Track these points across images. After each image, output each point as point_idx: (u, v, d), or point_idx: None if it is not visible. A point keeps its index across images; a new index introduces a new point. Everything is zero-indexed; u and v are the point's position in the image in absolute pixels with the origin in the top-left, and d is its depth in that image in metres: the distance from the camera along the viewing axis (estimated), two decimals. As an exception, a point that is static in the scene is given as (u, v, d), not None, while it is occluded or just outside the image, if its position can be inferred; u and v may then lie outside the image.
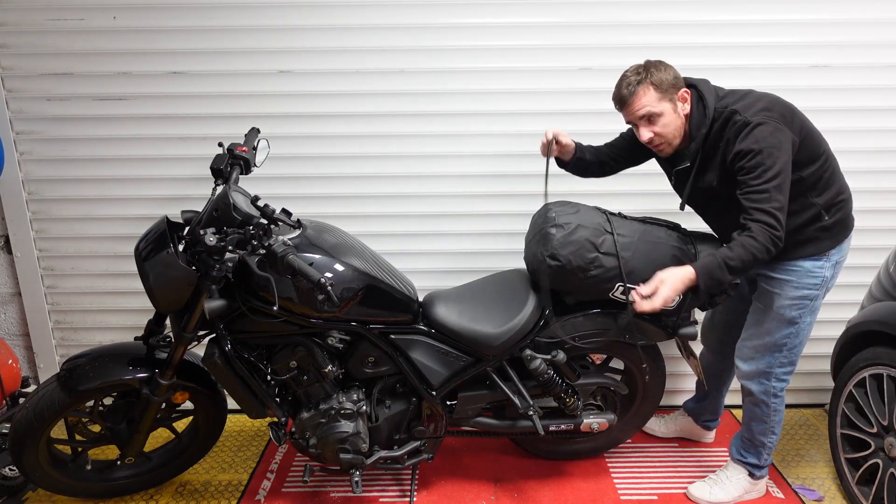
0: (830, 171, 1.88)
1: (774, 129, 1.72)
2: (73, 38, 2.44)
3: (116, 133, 2.55)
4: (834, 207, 1.89)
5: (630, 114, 1.85)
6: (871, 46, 2.47)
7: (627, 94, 1.81)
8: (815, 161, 1.83)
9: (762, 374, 2.03)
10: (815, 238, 1.89)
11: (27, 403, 1.97)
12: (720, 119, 1.81)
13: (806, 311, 1.95)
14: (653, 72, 1.80)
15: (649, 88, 1.79)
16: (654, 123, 1.83)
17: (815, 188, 1.85)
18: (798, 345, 2.00)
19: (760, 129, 1.72)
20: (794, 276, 1.92)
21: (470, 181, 2.62)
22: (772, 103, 1.79)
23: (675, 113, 1.82)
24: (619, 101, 1.85)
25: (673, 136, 1.85)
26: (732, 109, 1.78)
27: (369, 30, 2.45)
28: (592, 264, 1.92)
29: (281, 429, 2.07)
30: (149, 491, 2.29)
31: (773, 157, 1.70)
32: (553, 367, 2.11)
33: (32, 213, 2.64)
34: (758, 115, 1.74)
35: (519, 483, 2.33)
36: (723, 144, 1.80)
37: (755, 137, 1.71)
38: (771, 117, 1.74)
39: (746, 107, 1.78)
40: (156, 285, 1.82)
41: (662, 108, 1.80)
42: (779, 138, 1.72)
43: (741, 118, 1.75)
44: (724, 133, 1.79)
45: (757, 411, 2.09)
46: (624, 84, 1.82)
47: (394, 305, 1.98)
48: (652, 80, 1.79)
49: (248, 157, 2.07)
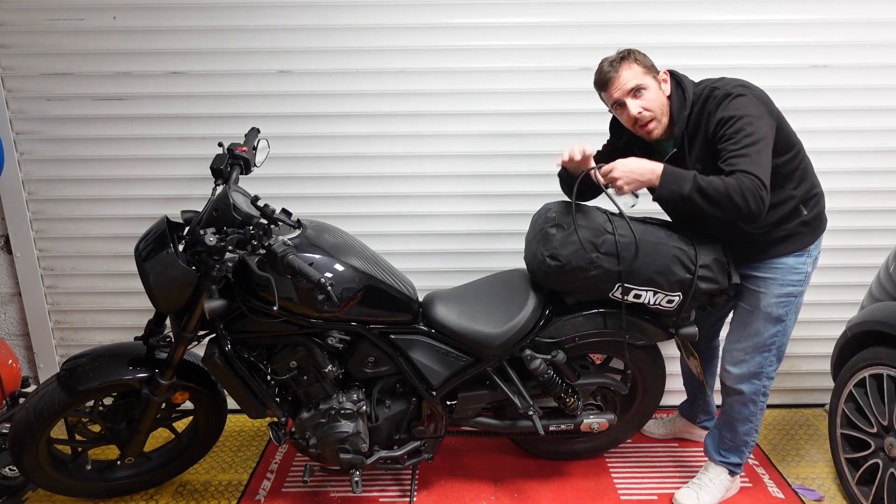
0: (804, 164, 1.90)
1: (754, 101, 1.75)
2: (73, 38, 2.44)
3: (116, 133, 2.55)
4: (811, 202, 1.91)
5: (616, 89, 1.83)
6: (871, 46, 2.47)
7: (611, 69, 1.83)
8: (789, 150, 1.85)
9: (754, 375, 2.04)
10: (796, 233, 1.91)
11: (27, 403, 1.97)
12: (700, 99, 1.83)
13: (791, 307, 1.97)
14: (634, 53, 1.84)
15: (633, 64, 1.82)
16: (641, 97, 1.83)
17: (790, 179, 1.86)
18: (785, 342, 2.02)
19: (740, 99, 1.74)
20: (779, 273, 1.94)
21: (470, 181, 2.62)
22: (748, 83, 1.82)
23: (659, 89, 1.85)
24: (602, 82, 1.86)
25: (661, 111, 1.85)
26: (712, 87, 1.81)
27: (369, 30, 2.45)
28: (592, 265, 1.91)
29: (281, 429, 2.07)
30: (149, 491, 2.29)
31: (753, 124, 1.71)
32: (553, 367, 2.11)
33: (32, 213, 2.64)
34: (738, 88, 1.77)
35: (519, 483, 2.34)
36: (704, 119, 1.81)
37: (736, 105, 1.74)
38: (750, 91, 1.78)
39: (725, 83, 1.81)
40: (156, 285, 1.82)
41: (647, 81, 1.83)
42: (759, 109, 1.74)
43: (721, 91, 1.78)
44: (706, 108, 1.81)
45: (745, 412, 2.09)
46: (606, 64, 1.85)
47: (394, 305, 1.98)
48: (634, 57, 1.83)
49: (248, 157, 2.07)
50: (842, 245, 2.68)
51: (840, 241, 2.68)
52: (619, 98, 1.85)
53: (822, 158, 2.56)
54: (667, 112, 1.87)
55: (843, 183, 2.61)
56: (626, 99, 1.84)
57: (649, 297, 1.99)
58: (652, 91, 1.83)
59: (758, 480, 2.35)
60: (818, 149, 2.55)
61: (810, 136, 2.54)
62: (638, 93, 1.83)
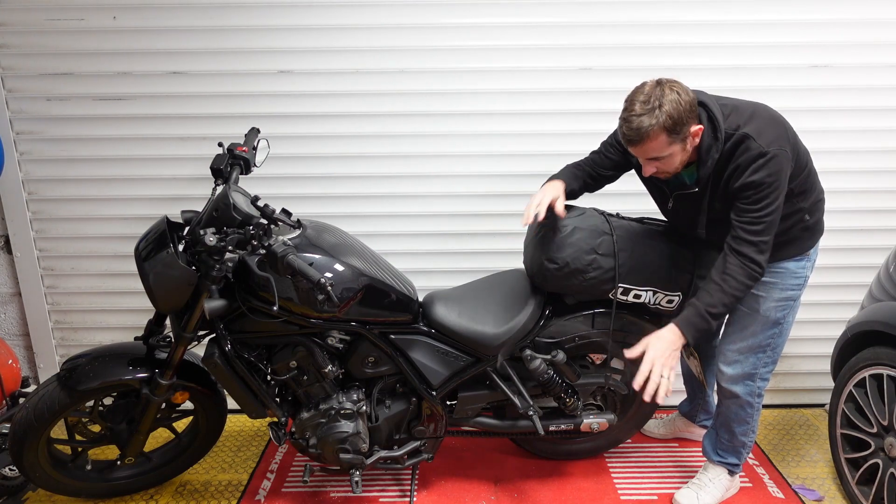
0: (812, 177, 1.89)
1: (785, 162, 1.69)
2: (73, 38, 2.44)
3: (116, 133, 2.55)
4: (814, 207, 1.91)
5: (638, 153, 1.74)
6: (871, 46, 2.47)
7: (636, 137, 1.66)
8: (801, 171, 1.83)
9: (748, 375, 2.03)
10: (797, 238, 1.91)
11: (27, 403, 1.97)
12: (730, 142, 1.71)
13: (790, 310, 1.97)
14: (666, 108, 1.61)
15: (661, 135, 1.64)
16: (659, 161, 1.73)
17: (800, 194, 1.85)
18: (781, 343, 2.02)
19: (774, 161, 1.66)
20: (780, 277, 1.93)
21: (470, 181, 2.62)
22: (778, 126, 1.73)
23: (683, 151, 1.71)
24: (627, 142, 1.71)
25: (676, 168, 1.76)
26: (745, 133, 1.69)
27: (369, 30, 2.45)
28: (591, 266, 1.92)
29: (281, 429, 2.07)
30: (149, 491, 2.29)
31: (778, 191, 1.69)
32: (553, 367, 2.11)
33: (32, 213, 2.64)
34: (773, 145, 1.67)
35: (519, 483, 2.34)
36: (731, 168, 1.72)
37: (769, 171, 1.66)
38: (782, 147, 1.68)
39: (759, 132, 1.68)
40: (156, 285, 1.82)
41: (671, 150, 1.69)
42: (786, 171, 1.70)
43: (756, 146, 1.67)
44: (735, 157, 1.70)
45: (741, 413, 2.09)
46: (635, 123, 1.64)
47: (394, 305, 1.98)
48: (663, 123, 1.62)
49: (248, 157, 2.07)
50: (842, 245, 2.68)
51: (840, 241, 2.67)
52: (639, 157, 1.77)
53: (822, 158, 2.56)
54: (684, 162, 1.76)
55: (843, 183, 2.61)
56: (643, 161, 1.76)
57: (649, 297, 1.99)
58: (675, 156, 1.71)
59: (758, 480, 2.35)
60: (818, 149, 2.55)
61: (810, 137, 2.54)
62: (658, 159, 1.73)
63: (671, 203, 1.93)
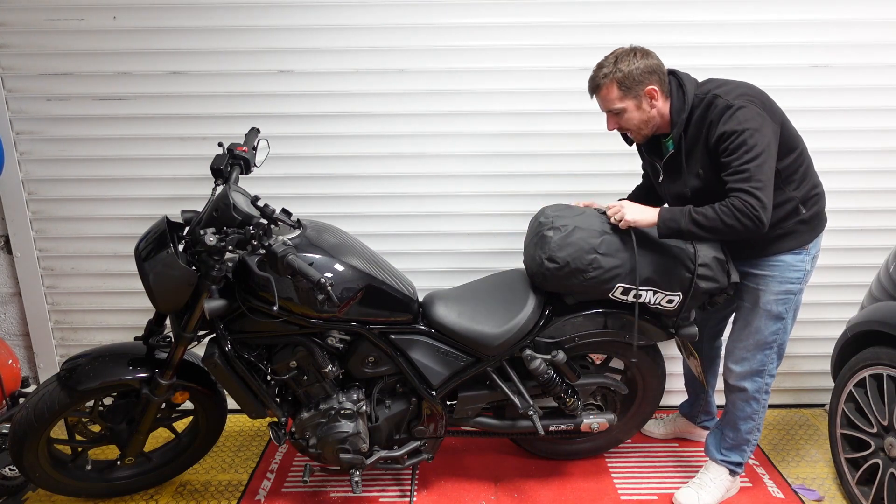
0: (805, 165, 1.91)
1: (757, 113, 1.76)
2: (73, 38, 2.44)
3: (116, 133, 2.55)
4: (810, 201, 1.92)
5: (599, 103, 1.93)
6: (871, 46, 2.47)
7: (593, 86, 1.90)
8: (791, 152, 1.86)
9: (756, 372, 2.06)
10: (794, 231, 1.92)
11: (27, 403, 1.97)
12: (701, 104, 1.83)
13: (790, 305, 1.99)
14: (621, 66, 1.82)
15: (612, 86, 1.84)
16: (618, 116, 1.89)
17: (791, 181, 1.88)
18: (786, 340, 2.05)
19: (743, 111, 1.75)
20: (777, 270, 1.96)
21: (470, 181, 2.62)
22: (752, 89, 1.83)
23: (637, 109, 1.86)
24: (589, 90, 1.93)
25: (637, 127, 1.90)
26: (714, 94, 1.81)
27: (369, 30, 2.45)
28: (591, 266, 1.92)
29: (281, 429, 2.07)
30: (149, 491, 2.29)
31: (755, 137, 1.73)
32: (553, 367, 2.11)
33: (32, 213, 2.64)
34: (740, 99, 1.77)
35: (519, 483, 2.34)
36: (706, 128, 1.82)
37: (738, 119, 1.74)
38: (752, 101, 1.78)
39: (728, 91, 1.81)
40: (156, 285, 1.82)
41: (624, 105, 1.86)
42: (760, 121, 1.75)
43: (723, 101, 1.78)
44: (707, 116, 1.81)
45: (747, 409, 2.10)
46: (594, 75, 1.88)
47: (394, 305, 1.98)
48: (616, 76, 1.82)
49: (248, 157, 2.07)
50: (842, 245, 2.68)
51: (840, 241, 2.67)
52: (602, 109, 1.94)
53: (822, 158, 2.56)
54: (646, 126, 1.90)
55: (844, 183, 2.61)
56: (606, 113, 1.93)
57: (649, 297, 1.99)
58: (629, 112, 1.87)
59: (758, 480, 2.35)
60: (818, 149, 2.55)
61: (810, 137, 2.54)
62: (611, 113, 1.90)
63: (661, 177, 2.01)
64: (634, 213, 1.86)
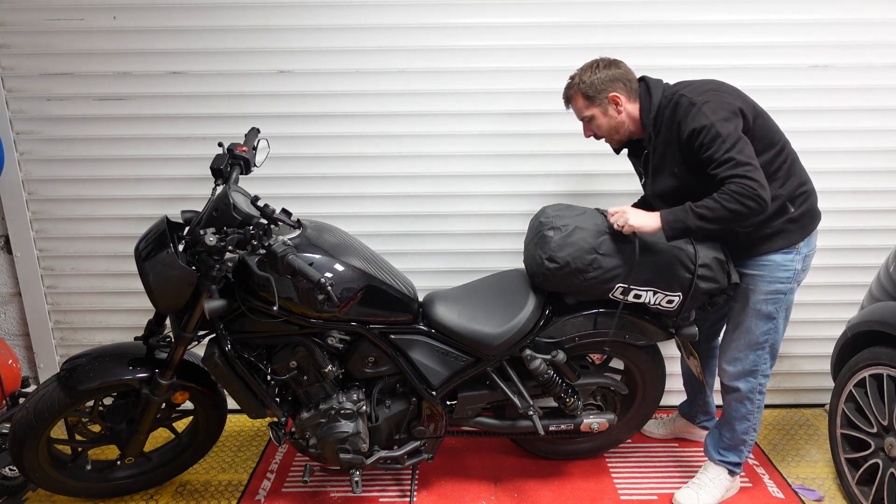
0: (789, 162, 1.91)
1: (718, 103, 1.79)
2: (73, 38, 2.44)
3: (116, 133, 2.55)
4: (798, 199, 1.92)
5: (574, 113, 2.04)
6: (871, 46, 2.47)
7: (565, 98, 2.03)
8: (770, 148, 1.87)
9: (749, 372, 2.06)
10: (783, 230, 1.92)
11: (27, 403, 1.97)
12: (669, 105, 1.87)
13: (781, 305, 2.00)
14: (584, 78, 1.94)
15: (578, 97, 1.97)
16: (590, 123, 2.00)
17: (775, 178, 1.88)
18: (778, 340, 2.05)
19: (707, 105, 1.78)
20: (766, 270, 1.96)
21: (470, 181, 2.62)
22: (719, 84, 1.87)
23: (604, 116, 1.96)
24: (564, 103, 2.05)
25: (608, 133, 1.99)
26: (680, 94, 1.86)
27: (369, 30, 2.45)
28: (591, 266, 1.92)
29: (281, 429, 2.07)
30: (149, 491, 2.29)
31: (726, 127, 1.75)
32: (553, 367, 2.11)
33: (32, 213, 2.64)
34: (704, 95, 1.81)
35: (519, 483, 2.34)
36: (675, 127, 1.86)
37: (704, 113, 1.77)
38: (716, 94, 1.82)
39: (693, 90, 1.85)
40: (156, 285, 1.82)
41: (591, 112, 1.96)
42: (722, 111, 1.77)
43: (687, 99, 1.83)
44: (676, 115, 1.85)
45: (742, 409, 2.11)
46: (565, 88, 2.01)
47: (394, 305, 1.98)
48: (581, 87, 1.94)
49: (248, 157, 2.07)
50: (842, 245, 2.68)
51: (840, 241, 2.67)
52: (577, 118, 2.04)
53: (821, 158, 2.56)
54: (618, 132, 1.98)
55: (843, 183, 2.61)
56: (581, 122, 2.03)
57: (649, 297, 1.99)
58: (597, 119, 1.97)
59: (758, 480, 2.35)
60: (818, 149, 2.55)
61: (810, 137, 2.55)
62: (586, 121, 2.00)
63: (644, 178, 2.06)
64: (638, 218, 1.86)
